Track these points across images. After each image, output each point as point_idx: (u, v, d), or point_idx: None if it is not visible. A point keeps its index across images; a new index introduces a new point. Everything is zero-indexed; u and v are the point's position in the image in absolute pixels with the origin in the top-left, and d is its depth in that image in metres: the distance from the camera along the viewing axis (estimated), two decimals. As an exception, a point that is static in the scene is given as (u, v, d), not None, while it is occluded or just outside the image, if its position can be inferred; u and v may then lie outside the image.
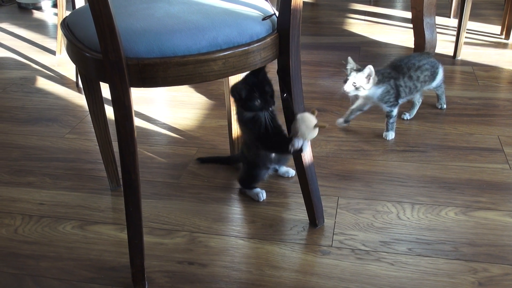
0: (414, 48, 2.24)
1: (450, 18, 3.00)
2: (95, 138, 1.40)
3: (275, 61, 1.11)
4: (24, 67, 2.46)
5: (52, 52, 2.63)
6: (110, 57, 0.92)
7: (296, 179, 1.26)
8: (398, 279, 1.12)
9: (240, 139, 1.54)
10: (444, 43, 2.55)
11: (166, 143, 1.72)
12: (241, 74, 1.42)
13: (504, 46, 2.53)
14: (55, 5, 3.53)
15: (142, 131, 1.79)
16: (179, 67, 0.95)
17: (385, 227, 1.28)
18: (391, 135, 1.70)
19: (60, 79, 2.29)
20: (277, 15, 1.08)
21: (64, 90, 2.17)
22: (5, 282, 1.15)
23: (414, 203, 1.37)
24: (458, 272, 1.13)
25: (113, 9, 0.87)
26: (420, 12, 2.13)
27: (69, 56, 1.08)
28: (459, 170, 1.51)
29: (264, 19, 1.05)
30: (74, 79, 2.26)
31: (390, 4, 3.41)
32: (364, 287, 1.10)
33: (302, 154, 1.18)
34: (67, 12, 2.22)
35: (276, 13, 1.08)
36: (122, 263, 1.19)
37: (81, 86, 2.17)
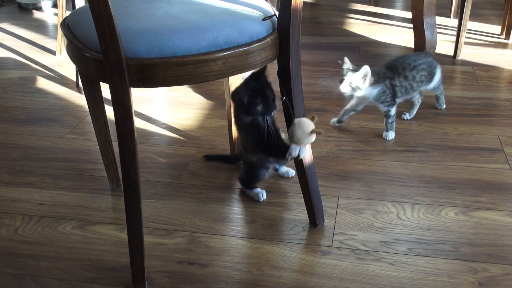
0: (414, 48, 2.24)
1: (450, 18, 3.00)
2: (95, 138, 1.40)
3: (275, 61, 1.11)
4: (24, 67, 2.46)
5: (52, 52, 2.63)
6: (110, 57, 0.92)
7: (296, 179, 1.26)
8: (398, 279, 1.12)
9: (239, 140, 1.54)
10: (444, 43, 2.55)
11: (166, 143, 1.72)
12: (241, 75, 1.42)
13: (504, 46, 2.53)
14: (55, 5, 3.53)
15: (142, 131, 1.79)
16: (179, 67, 0.95)
17: (385, 227, 1.28)
18: (391, 135, 1.70)
19: (60, 79, 2.29)
20: (277, 15, 1.08)
21: (64, 90, 2.17)
22: (5, 282, 1.15)
23: (414, 203, 1.37)
24: (458, 272, 1.14)
25: (113, 9, 0.87)
26: (420, 12, 2.13)
27: (69, 56, 1.08)
28: (459, 170, 1.51)
29: (264, 20, 1.05)
30: (74, 79, 2.26)
31: (390, 4, 3.41)
32: (364, 287, 1.10)
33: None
34: (67, 12, 2.22)
35: (276, 13, 1.08)
36: (122, 263, 1.19)
37: (81, 86, 2.17)
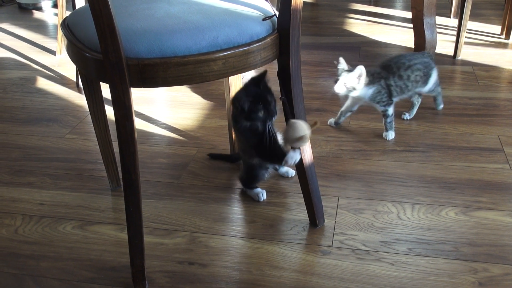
0: (415, 48, 2.24)
1: (450, 18, 3.00)
2: (96, 138, 1.40)
3: (275, 61, 1.11)
4: (24, 67, 2.46)
5: (52, 52, 2.63)
6: (110, 57, 0.92)
7: (296, 179, 1.26)
8: (398, 279, 1.12)
9: (237, 142, 1.54)
10: (444, 43, 2.55)
11: (166, 143, 1.72)
12: (241, 75, 1.42)
13: (504, 46, 2.53)
14: (55, 5, 3.54)
15: (142, 131, 1.79)
16: (179, 67, 0.95)
17: (385, 227, 1.28)
18: (391, 135, 1.69)
19: (60, 79, 2.29)
20: (277, 15, 1.08)
21: (65, 90, 2.17)
22: (5, 282, 1.15)
23: (415, 203, 1.37)
24: (458, 272, 1.13)
25: (113, 9, 0.87)
26: (420, 12, 2.13)
27: (69, 56, 1.08)
28: (459, 170, 1.51)
29: (264, 20, 1.05)
30: (74, 79, 2.26)
31: (390, 4, 3.41)
32: (365, 287, 1.10)
33: (302, 154, 1.18)
34: (67, 12, 2.22)
35: (276, 13, 1.08)
36: (123, 263, 1.19)
37: (81, 86, 2.17)
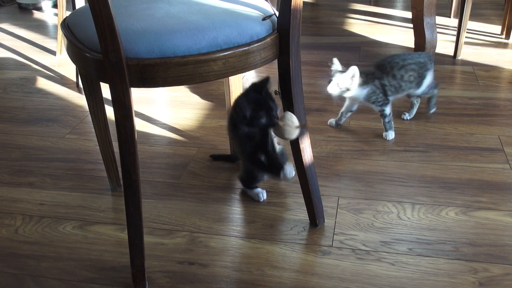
0: (415, 48, 2.24)
1: (450, 18, 3.00)
2: (96, 138, 1.40)
3: (275, 61, 1.11)
4: (24, 67, 2.46)
5: (52, 53, 2.63)
6: (110, 57, 0.92)
7: (296, 179, 1.26)
8: (398, 279, 1.12)
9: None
10: (445, 43, 2.55)
11: (167, 143, 1.72)
12: (241, 75, 1.42)
13: (504, 46, 2.53)
14: (55, 5, 3.54)
15: (142, 131, 1.79)
16: (179, 67, 0.95)
17: (385, 227, 1.28)
18: (391, 135, 1.69)
19: (61, 80, 2.29)
20: (277, 15, 1.08)
21: (65, 91, 2.17)
22: (5, 283, 1.15)
23: (415, 203, 1.37)
24: (458, 272, 1.13)
25: (113, 9, 0.87)
26: (421, 12, 2.13)
27: (69, 57, 1.08)
28: (460, 170, 1.51)
29: (264, 19, 1.05)
30: (74, 80, 2.26)
31: (390, 4, 3.41)
32: (365, 287, 1.10)
33: (302, 154, 1.19)
34: (67, 13, 2.22)
35: (276, 13, 1.08)
36: (123, 263, 1.19)
37: (81, 86, 2.17)
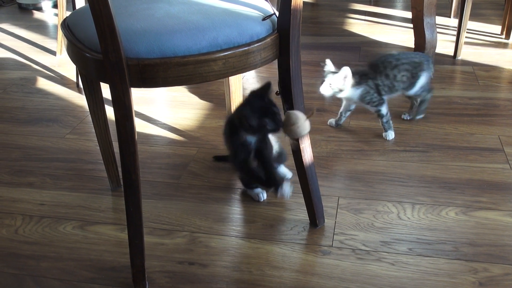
0: (415, 48, 2.24)
1: (450, 18, 3.00)
2: (96, 139, 1.40)
3: (275, 61, 1.11)
4: (25, 67, 2.46)
5: (53, 53, 2.63)
6: (110, 57, 0.92)
7: (296, 179, 1.26)
8: (398, 279, 1.12)
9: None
10: (445, 43, 2.55)
11: (167, 143, 1.72)
12: (241, 75, 1.42)
13: (504, 46, 2.53)
14: (55, 5, 3.54)
15: (142, 131, 1.79)
16: (179, 67, 0.95)
17: (385, 227, 1.28)
18: (390, 135, 1.69)
19: (61, 80, 2.29)
20: (277, 15, 1.08)
21: (65, 91, 2.17)
22: (5, 283, 1.15)
23: (415, 203, 1.37)
24: (458, 272, 1.13)
25: (113, 9, 0.87)
26: (421, 12, 2.13)
27: (69, 57, 1.08)
28: (460, 170, 1.51)
29: (264, 19, 1.05)
30: (75, 80, 2.26)
31: (390, 4, 3.41)
32: (365, 287, 1.10)
33: (302, 154, 1.18)
34: (68, 13, 2.22)
35: (276, 13, 1.08)
36: (123, 263, 1.19)
37: (81, 87, 2.18)
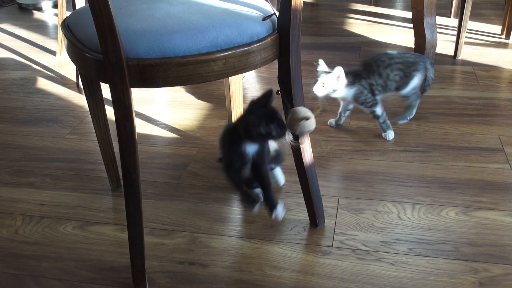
0: (415, 48, 2.24)
1: (450, 18, 3.00)
2: (96, 139, 1.40)
3: (275, 61, 1.11)
4: (25, 67, 2.46)
5: (53, 53, 2.63)
6: (110, 57, 0.92)
7: (296, 179, 1.26)
8: (398, 279, 1.12)
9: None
10: (445, 43, 2.55)
11: (167, 143, 1.72)
12: (241, 75, 1.42)
13: (504, 46, 2.53)
14: (55, 5, 3.54)
15: (142, 131, 1.79)
16: (179, 67, 0.95)
17: (385, 227, 1.28)
18: (390, 135, 1.69)
19: (61, 80, 2.29)
20: (277, 15, 1.08)
21: (65, 91, 2.17)
22: (5, 283, 1.15)
23: (415, 203, 1.37)
24: (458, 272, 1.13)
25: (113, 9, 0.87)
26: (421, 12, 2.13)
27: (69, 57, 1.08)
28: (460, 170, 1.51)
29: (264, 19, 1.05)
30: (75, 80, 2.26)
31: (390, 4, 3.41)
32: (365, 287, 1.10)
33: (302, 154, 1.18)
34: (68, 13, 2.22)
35: (276, 13, 1.08)
36: (123, 263, 1.19)
37: (81, 87, 2.17)
